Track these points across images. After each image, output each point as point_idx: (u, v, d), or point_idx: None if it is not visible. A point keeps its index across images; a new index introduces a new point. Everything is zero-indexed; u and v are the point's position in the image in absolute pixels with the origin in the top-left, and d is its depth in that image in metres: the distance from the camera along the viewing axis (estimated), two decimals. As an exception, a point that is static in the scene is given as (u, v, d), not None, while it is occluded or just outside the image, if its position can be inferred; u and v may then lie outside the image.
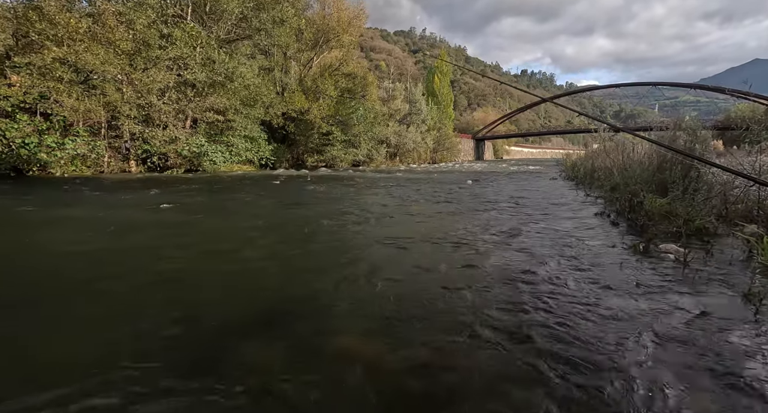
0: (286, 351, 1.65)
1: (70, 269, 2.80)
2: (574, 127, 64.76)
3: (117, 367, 1.50)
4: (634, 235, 3.76)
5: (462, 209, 5.88)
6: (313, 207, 6.12)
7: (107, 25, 12.54)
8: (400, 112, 32.13)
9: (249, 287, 2.49)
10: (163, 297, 2.26)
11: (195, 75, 14.74)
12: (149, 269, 2.80)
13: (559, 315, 1.97)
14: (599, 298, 2.18)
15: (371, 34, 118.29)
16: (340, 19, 23.31)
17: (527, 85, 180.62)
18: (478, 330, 1.81)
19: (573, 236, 3.78)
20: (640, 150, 7.08)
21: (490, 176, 15.18)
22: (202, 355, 1.61)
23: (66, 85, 11.80)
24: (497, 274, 2.64)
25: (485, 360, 1.56)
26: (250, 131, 17.98)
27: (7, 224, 4.58)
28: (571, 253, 3.15)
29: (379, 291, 2.35)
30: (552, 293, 2.26)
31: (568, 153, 18.29)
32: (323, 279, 2.60)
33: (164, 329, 1.85)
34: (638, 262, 2.88)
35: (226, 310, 2.09)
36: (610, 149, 8.28)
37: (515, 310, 2.04)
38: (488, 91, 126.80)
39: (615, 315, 1.96)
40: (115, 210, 5.52)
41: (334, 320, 1.98)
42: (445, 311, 2.05)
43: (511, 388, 1.38)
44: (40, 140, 11.26)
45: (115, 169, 13.54)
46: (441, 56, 51.27)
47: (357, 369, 1.51)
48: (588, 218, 4.81)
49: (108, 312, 2.06)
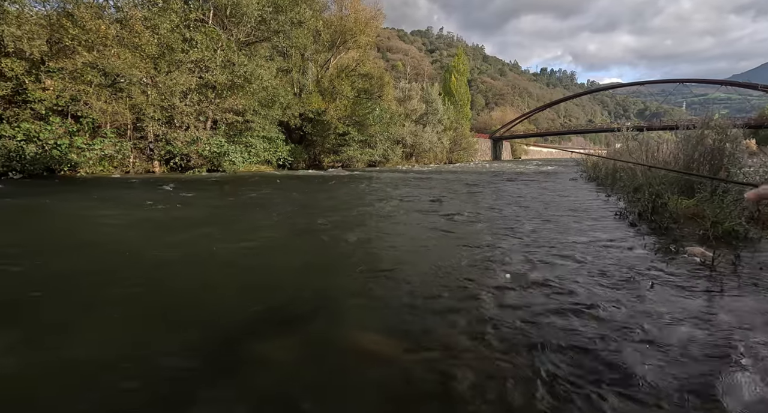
0: (303, 347, 1.69)
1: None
2: (596, 126, 62.98)
3: (135, 362, 1.56)
4: (656, 237, 3.64)
5: (480, 208, 5.82)
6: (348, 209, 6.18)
7: (134, 30, 13.00)
8: (417, 112, 32.02)
9: (280, 280, 2.54)
10: (192, 288, 2.34)
11: (215, 77, 15.11)
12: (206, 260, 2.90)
13: (580, 318, 1.93)
14: (621, 302, 2.13)
15: (388, 35, 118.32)
16: (357, 20, 23.42)
17: (547, 83, 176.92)
18: (494, 333, 1.80)
19: (592, 237, 3.69)
20: (665, 150, 6.84)
21: (506, 176, 14.95)
22: (221, 350, 1.66)
23: (95, 89, 12.30)
24: (516, 276, 2.60)
25: (498, 364, 1.55)
26: (269, 131, 18.30)
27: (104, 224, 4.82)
28: (592, 254, 3.07)
29: (400, 290, 2.36)
30: (572, 296, 2.21)
31: (589, 153, 17.81)
32: (345, 275, 2.63)
33: (188, 320, 1.91)
34: (663, 264, 2.79)
35: (248, 305, 2.14)
36: (633, 148, 8.02)
37: (533, 312, 2.01)
38: (506, 90, 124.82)
39: (639, 321, 1.90)
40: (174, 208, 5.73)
41: (352, 317, 2.01)
42: (462, 312, 2.04)
43: (526, 392, 1.36)
44: (71, 141, 11.78)
45: (140, 169, 14.02)
46: (458, 55, 50.75)
47: (372, 367, 1.53)
48: (608, 220, 4.69)
49: (138, 307, 2.15)
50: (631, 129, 10.55)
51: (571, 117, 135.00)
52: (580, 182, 10.86)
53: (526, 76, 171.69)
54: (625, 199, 5.96)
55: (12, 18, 10.22)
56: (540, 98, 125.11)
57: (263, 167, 18.55)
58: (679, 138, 6.40)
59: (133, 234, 4.01)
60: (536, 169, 21.74)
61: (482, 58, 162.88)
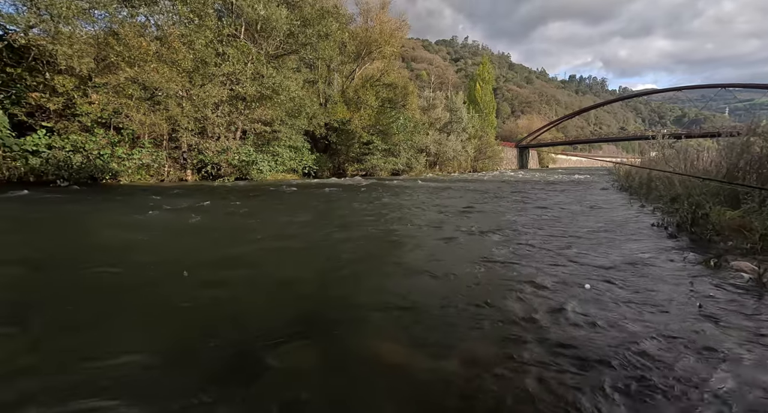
0: (325, 356, 1.67)
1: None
2: (629, 133, 60.49)
3: (156, 365, 1.60)
4: (697, 250, 3.40)
5: (506, 220, 5.68)
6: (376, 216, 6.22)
7: (172, 46, 13.80)
8: (441, 120, 31.95)
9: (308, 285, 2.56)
10: (218, 293, 2.39)
11: (246, 89, 15.74)
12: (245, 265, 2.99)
13: (619, 336, 1.82)
14: (663, 320, 1.99)
15: (412, 45, 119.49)
16: (383, 32, 23.83)
17: (575, 91, 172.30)
18: (524, 346, 1.72)
19: (628, 249, 3.50)
20: (705, 158, 6.45)
21: (532, 185, 14.56)
22: (244, 356, 1.67)
23: (135, 102, 13.09)
24: (551, 284, 2.50)
25: (526, 379, 1.48)
26: (295, 140, 18.79)
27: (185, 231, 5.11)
28: (629, 269, 2.91)
29: (425, 302, 2.32)
30: (609, 312, 2.09)
31: (621, 161, 17.07)
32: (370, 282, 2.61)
33: (211, 325, 1.95)
34: (708, 280, 2.60)
35: (273, 311, 2.16)
36: (670, 156, 7.62)
37: (567, 326, 1.91)
38: (533, 98, 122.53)
39: (687, 341, 1.77)
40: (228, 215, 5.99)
41: (375, 327, 1.98)
42: (488, 323, 1.97)
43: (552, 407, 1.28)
44: (113, 151, 12.55)
45: (174, 178, 14.70)
46: (483, 63, 50.45)
47: (394, 379, 1.49)
48: (644, 231, 4.44)
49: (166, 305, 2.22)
50: (667, 137, 10.06)
51: (602, 125, 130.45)
52: (611, 192, 10.41)
53: (554, 84, 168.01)
54: (663, 210, 5.64)
55: (65, 38, 11.08)
56: (568, 106, 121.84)
57: (289, 175, 19.00)
58: (721, 146, 6.03)
59: (177, 242, 4.18)
60: (564, 178, 21.07)
61: (508, 66, 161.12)
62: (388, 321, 2.05)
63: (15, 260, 3.14)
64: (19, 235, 4.27)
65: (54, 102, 11.62)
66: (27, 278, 2.74)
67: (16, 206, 6.45)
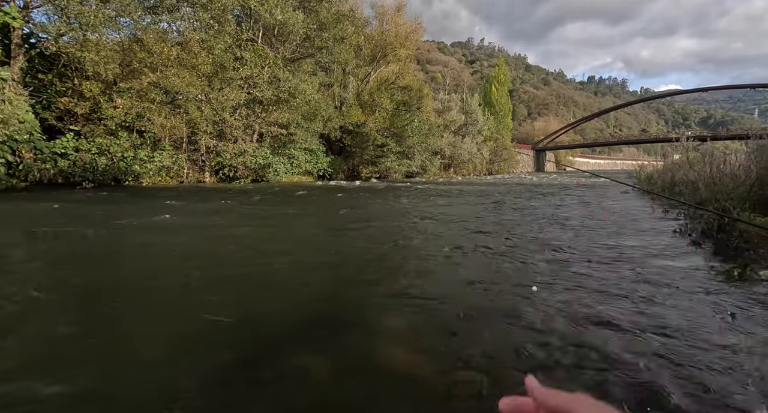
0: (338, 361, 1.68)
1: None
2: (650, 136, 58.73)
3: (170, 368, 1.63)
4: (724, 259, 3.26)
5: (519, 225, 5.59)
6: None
7: (192, 51, 14.20)
8: (456, 123, 31.76)
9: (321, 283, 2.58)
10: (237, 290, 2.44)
11: (263, 93, 16.03)
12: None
13: (638, 351, 1.76)
14: (686, 333, 1.91)
15: (428, 47, 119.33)
16: (398, 34, 23.90)
17: (594, 92, 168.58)
18: (538, 356, 1.68)
19: (649, 255, 3.38)
20: (733, 162, 6.19)
21: (548, 189, 14.29)
22: (258, 360, 1.69)
23: (157, 106, 13.50)
24: (564, 292, 2.44)
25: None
26: (310, 143, 19.00)
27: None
28: (649, 274, 2.81)
29: (441, 310, 2.30)
30: (627, 323, 2.03)
31: (642, 164, 16.54)
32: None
33: (228, 324, 1.98)
34: (733, 290, 2.49)
35: (288, 315, 2.19)
36: (694, 160, 7.35)
37: (584, 344, 1.86)
38: (550, 99, 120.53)
39: (713, 360, 1.70)
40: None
41: (389, 333, 1.98)
42: (502, 334, 1.94)
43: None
44: (135, 154, 12.97)
45: (192, 180, 15.07)
46: (498, 65, 49.96)
47: (406, 386, 1.48)
48: (665, 236, 4.29)
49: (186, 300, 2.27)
50: (692, 139, 9.72)
51: (622, 127, 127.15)
52: (632, 196, 10.11)
53: (572, 85, 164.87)
54: (687, 215, 5.44)
55: (92, 45, 11.54)
56: (587, 108, 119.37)
57: (304, 177, 19.20)
58: (750, 149, 5.78)
59: (192, 242, 4.28)
60: (582, 181, 20.60)
61: (524, 68, 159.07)
62: (403, 327, 2.04)
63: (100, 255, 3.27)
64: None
65: (81, 106, 12.10)
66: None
67: (94, 204, 6.72)
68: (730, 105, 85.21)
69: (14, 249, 3.81)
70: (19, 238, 4.34)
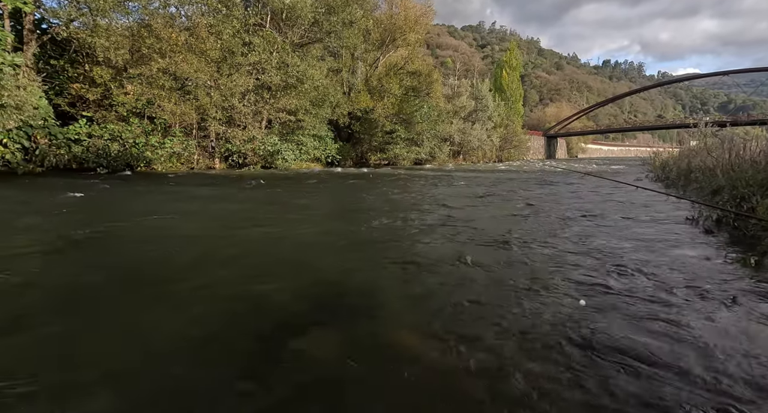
0: (344, 343, 1.73)
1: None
2: (666, 121, 57.14)
3: (185, 349, 1.70)
4: (740, 248, 3.23)
5: (530, 212, 5.56)
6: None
7: (200, 36, 14.10)
8: (465, 109, 31.22)
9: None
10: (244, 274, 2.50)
11: (271, 78, 15.93)
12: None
13: (653, 340, 1.78)
14: (702, 322, 1.92)
15: (437, 31, 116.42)
16: (407, 18, 23.33)
17: (609, 77, 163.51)
18: (547, 340, 1.71)
19: (661, 243, 3.36)
20: (753, 147, 6.03)
21: (556, 177, 14.10)
22: (265, 341, 1.75)
23: (167, 92, 13.53)
24: (574, 282, 2.45)
25: (550, 372, 1.47)
26: (318, 130, 18.91)
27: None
28: (662, 262, 2.80)
29: (450, 293, 2.33)
30: (639, 311, 2.04)
31: (657, 151, 16.14)
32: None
33: (236, 309, 2.04)
34: (748, 279, 2.47)
35: (295, 296, 2.24)
36: (713, 146, 7.17)
37: (592, 327, 1.88)
38: (563, 85, 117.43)
39: (726, 348, 1.71)
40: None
41: (396, 315, 2.02)
42: (514, 316, 1.96)
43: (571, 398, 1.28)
44: (147, 140, 13.09)
45: (203, 166, 15.20)
46: (510, 50, 48.64)
47: (412, 367, 1.52)
48: (679, 224, 4.24)
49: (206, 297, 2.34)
50: (710, 124, 9.46)
51: (638, 112, 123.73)
52: (645, 183, 9.94)
53: (586, 70, 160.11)
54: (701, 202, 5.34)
55: (102, 31, 11.53)
56: (601, 93, 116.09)
57: (312, 164, 19.21)
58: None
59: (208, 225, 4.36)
60: (594, 168, 20.26)
61: (537, 52, 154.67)
62: (411, 310, 2.08)
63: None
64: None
65: (93, 92, 12.20)
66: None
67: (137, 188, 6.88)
68: (752, 89, 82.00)
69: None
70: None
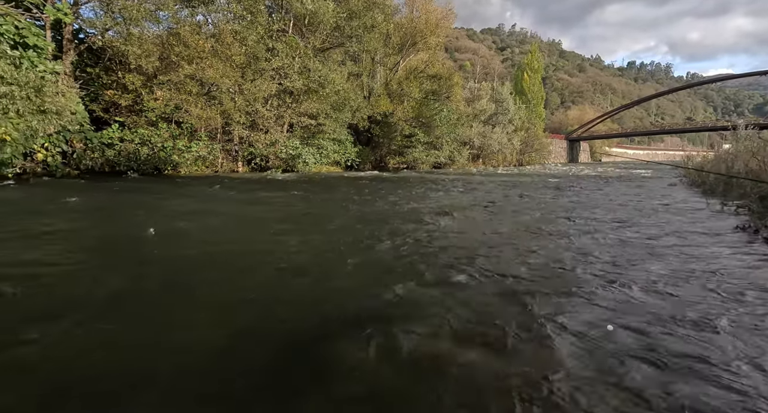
0: (378, 351, 1.66)
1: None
2: (697, 124, 54.78)
3: (212, 355, 1.67)
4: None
5: (557, 221, 5.38)
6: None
7: (225, 42, 14.48)
8: (485, 112, 30.86)
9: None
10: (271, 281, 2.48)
11: (293, 83, 16.18)
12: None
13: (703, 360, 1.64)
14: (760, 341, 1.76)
15: (456, 34, 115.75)
16: (428, 22, 23.31)
17: (635, 78, 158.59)
18: (595, 357, 1.59)
19: (712, 253, 3.15)
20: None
21: (580, 182, 13.67)
22: (297, 350, 1.70)
23: (193, 97, 13.93)
24: (619, 292, 2.31)
25: (599, 390, 1.36)
26: (339, 133, 19.05)
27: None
28: (715, 275, 2.62)
29: (482, 299, 2.24)
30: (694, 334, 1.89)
31: (690, 155, 15.42)
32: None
33: (267, 317, 2.01)
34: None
35: (326, 305, 2.20)
36: (757, 148, 6.78)
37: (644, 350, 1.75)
38: (585, 87, 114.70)
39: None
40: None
41: (430, 323, 1.94)
42: (547, 329, 1.85)
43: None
44: (174, 144, 13.48)
45: (227, 169, 15.53)
46: (531, 52, 47.91)
47: (448, 377, 1.44)
48: (729, 233, 3.98)
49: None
50: (752, 126, 8.98)
51: (665, 115, 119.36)
52: (680, 188, 9.50)
53: (610, 71, 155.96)
54: (751, 209, 5.03)
55: (134, 39, 12.00)
56: (626, 95, 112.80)
57: (332, 168, 19.35)
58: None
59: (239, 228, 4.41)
60: (621, 173, 19.59)
61: (558, 54, 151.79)
62: (445, 318, 1.99)
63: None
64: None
65: (125, 98, 12.67)
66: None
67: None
68: (791, 90, 77.69)
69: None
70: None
